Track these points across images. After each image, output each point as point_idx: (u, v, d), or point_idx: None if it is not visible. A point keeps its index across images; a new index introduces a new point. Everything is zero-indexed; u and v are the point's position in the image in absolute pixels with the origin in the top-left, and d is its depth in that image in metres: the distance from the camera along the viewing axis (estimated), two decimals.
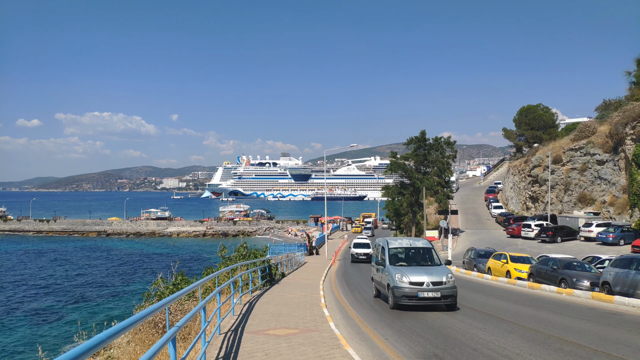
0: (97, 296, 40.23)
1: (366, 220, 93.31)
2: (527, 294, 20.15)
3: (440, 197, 54.17)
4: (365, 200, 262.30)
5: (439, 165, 54.51)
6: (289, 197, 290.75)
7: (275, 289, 20.22)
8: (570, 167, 53.71)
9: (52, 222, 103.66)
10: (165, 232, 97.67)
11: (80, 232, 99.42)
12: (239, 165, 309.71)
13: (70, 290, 43.00)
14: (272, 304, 15.72)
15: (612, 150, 49.76)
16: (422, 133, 55.85)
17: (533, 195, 59.58)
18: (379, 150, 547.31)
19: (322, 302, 16.19)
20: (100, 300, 38.76)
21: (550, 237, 43.24)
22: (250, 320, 12.51)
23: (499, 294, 20.21)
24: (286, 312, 14.05)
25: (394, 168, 55.65)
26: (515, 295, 19.77)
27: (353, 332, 12.09)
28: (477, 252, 32.49)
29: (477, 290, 21.76)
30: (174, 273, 16.31)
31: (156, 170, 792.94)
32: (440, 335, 11.55)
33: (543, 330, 12.10)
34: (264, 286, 20.52)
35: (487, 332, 11.81)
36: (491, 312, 15.11)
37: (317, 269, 32.59)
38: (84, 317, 32.60)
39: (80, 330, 13.81)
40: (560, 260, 21.36)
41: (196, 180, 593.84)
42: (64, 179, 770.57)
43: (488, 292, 20.65)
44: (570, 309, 15.89)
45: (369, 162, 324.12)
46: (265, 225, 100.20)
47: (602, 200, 49.83)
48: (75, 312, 34.60)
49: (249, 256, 20.96)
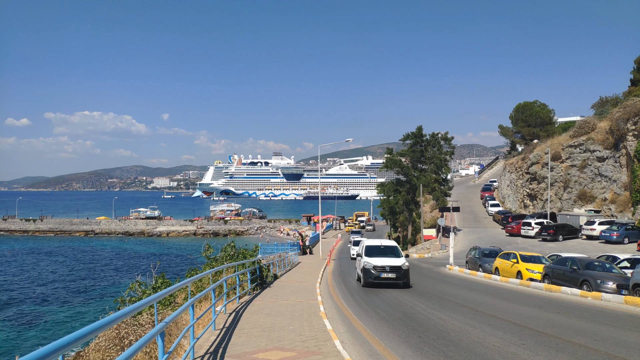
0: (76, 299, 38.45)
1: (359, 219, 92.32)
2: (547, 297, 18.11)
3: (438, 195, 52.51)
4: (357, 199, 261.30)
5: (436, 162, 52.46)
6: (281, 196, 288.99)
7: (266, 293, 18.21)
8: (570, 164, 52.46)
9: (39, 222, 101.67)
10: (154, 232, 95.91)
11: (67, 232, 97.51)
12: (231, 164, 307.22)
13: (52, 292, 41.22)
14: (263, 313, 13.55)
15: (613, 146, 48.55)
16: (419, 129, 53.85)
17: (531, 192, 58.30)
18: (371, 150, 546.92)
19: (321, 311, 14.13)
20: (79, 303, 37.02)
21: (551, 235, 41.91)
22: (235, 338, 10.16)
23: (515, 297, 18.31)
24: (280, 324, 11.90)
25: (389, 165, 53.65)
26: (535, 299, 17.68)
27: (365, 352, 9.79)
28: (482, 251, 30.44)
29: (490, 293, 19.71)
30: (154, 275, 14.59)
31: (147, 170, 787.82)
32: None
33: (596, 348, 9.82)
34: (253, 290, 18.50)
35: (536, 354, 9.38)
36: (522, 322, 12.85)
37: (312, 269, 30.76)
38: (60, 321, 30.95)
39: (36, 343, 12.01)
40: (580, 260, 19.51)
41: (187, 179, 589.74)
42: (53, 178, 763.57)
43: (503, 296, 18.67)
44: (607, 317, 13.78)
45: (361, 161, 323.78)
46: (257, 224, 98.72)
47: (602, 197, 48.61)
48: (53, 315, 32.94)
49: (237, 256, 18.80)
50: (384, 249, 22.66)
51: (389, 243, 23.93)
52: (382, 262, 20.95)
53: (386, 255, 21.74)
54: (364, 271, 21.17)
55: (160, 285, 13.99)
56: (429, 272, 30.36)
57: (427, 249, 48.86)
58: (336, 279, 26.34)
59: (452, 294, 19.23)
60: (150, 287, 14.17)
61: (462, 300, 17.15)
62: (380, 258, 21.35)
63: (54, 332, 28.24)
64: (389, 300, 17.21)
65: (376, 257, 21.50)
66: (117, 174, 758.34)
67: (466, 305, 16.06)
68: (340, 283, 24.12)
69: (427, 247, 49.69)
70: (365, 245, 23.17)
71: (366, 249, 22.48)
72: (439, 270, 31.99)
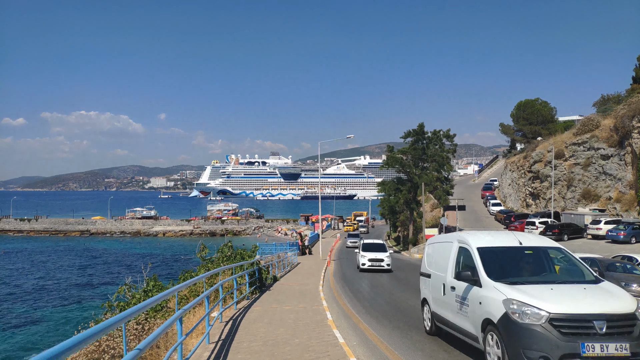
0: (65, 301, 37.35)
1: (358, 219, 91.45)
2: None
3: (440, 193, 51.36)
4: (355, 199, 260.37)
5: (438, 160, 51.18)
6: (278, 196, 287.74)
7: (266, 297, 16.81)
8: (573, 162, 51.56)
9: (34, 222, 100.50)
10: (150, 232, 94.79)
11: (62, 232, 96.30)
12: (228, 164, 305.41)
13: (41, 294, 40.15)
14: (264, 321, 12.14)
15: (618, 144, 47.63)
16: (420, 126, 52.51)
17: (534, 191, 57.36)
18: (368, 150, 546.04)
19: (328, 319, 12.66)
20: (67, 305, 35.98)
21: (556, 235, 40.90)
22: (232, 354, 8.66)
23: None
24: (283, 336, 10.35)
25: (390, 163, 52.27)
26: None
27: None
28: None
29: None
30: (145, 278, 13.51)
31: (144, 170, 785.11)
32: None
33: None
34: (252, 294, 17.13)
35: None
36: None
37: (313, 270, 29.63)
38: (45, 326, 29.93)
39: None
40: (601, 261, 18.43)
41: (184, 179, 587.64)
42: (50, 178, 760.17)
43: None
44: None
45: (359, 161, 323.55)
46: (255, 224, 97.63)
47: (607, 196, 47.69)
48: (40, 319, 31.87)
49: (235, 257, 17.30)
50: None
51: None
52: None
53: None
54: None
55: (152, 288, 12.93)
56: None
57: None
58: (339, 281, 25.02)
59: None
60: (141, 290, 13.12)
61: None
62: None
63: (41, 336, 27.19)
64: (399, 307, 16.06)
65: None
66: (114, 174, 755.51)
67: None
68: (344, 286, 22.83)
69: None
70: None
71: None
72: None
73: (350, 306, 16.26)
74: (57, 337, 25.42)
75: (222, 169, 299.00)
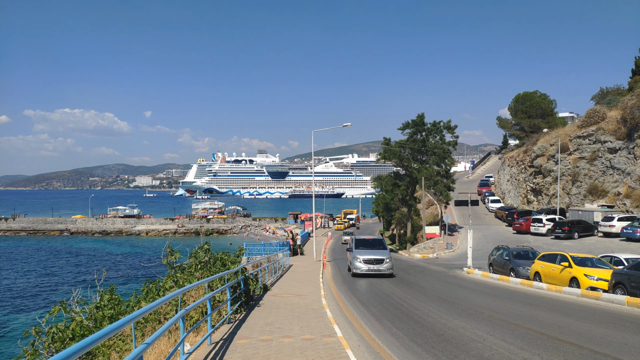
0: (29, 307, 33.79)
1: (349, 217, 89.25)
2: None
3: (441, 189, 48.13)
4: (343, 197, 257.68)
5: (438, 153, 47.73)
6: (265, 194, 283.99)
7: (255, 319, 12.31)
8: (578, 156, 48.98)
9: (11, 221, 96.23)
10: (133, 231, 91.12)
11: (41, 231, 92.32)
12: (214, 162, 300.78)
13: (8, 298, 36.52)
14: None
15: (626, 137, 45.10)
16: (420, 116, 48.99)
17: (535, 187, 54.73)
18: (356, 149, 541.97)
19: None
20: (19, 312, 32.46)
21: (566, 232, 38.25)
22: None
23: (602, 318, 13.08)
24: None
25: (387, 156, 48.58)
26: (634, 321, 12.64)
27: None
28: (512, 251, 25.15)
29: (554, 308, 14.77)
30: (98, 290, 10.24)
31: (129, 168, 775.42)
32: None
33: None
34: (236, 313, 12.95)
35: None
36: None
37: (309, 275, 26.06)
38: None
39: None
40: None
41: (170, 178, 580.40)
42: (33, 177, 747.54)
43: (580, 316, 13.49)
44: None
45: (347, 159, 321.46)
46: (241, 222, 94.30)
47: (615, 192, 45.12)
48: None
49: (214, 264, 12.63)
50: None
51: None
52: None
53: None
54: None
55: (107, 303, 9.71)
56: (445, 277, 26.15)
57: (431, 248, 44.75)
58: (342, 289, 20.38)
59: (506, 312, 14.32)
60: (93, 305, 9.88)
61: (532, 324, 12.25)
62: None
63: None
64: (435, 329, 11.78)
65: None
66: (98, 172, 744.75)
67: (535, 329, 11.95)
68: (351, 297, 18.05)
69: (430, 246, 45.55)
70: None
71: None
72: (455, 273, 27.75)
73: (374, 335, 11.25)
74: None
75: (208, 167, 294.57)
